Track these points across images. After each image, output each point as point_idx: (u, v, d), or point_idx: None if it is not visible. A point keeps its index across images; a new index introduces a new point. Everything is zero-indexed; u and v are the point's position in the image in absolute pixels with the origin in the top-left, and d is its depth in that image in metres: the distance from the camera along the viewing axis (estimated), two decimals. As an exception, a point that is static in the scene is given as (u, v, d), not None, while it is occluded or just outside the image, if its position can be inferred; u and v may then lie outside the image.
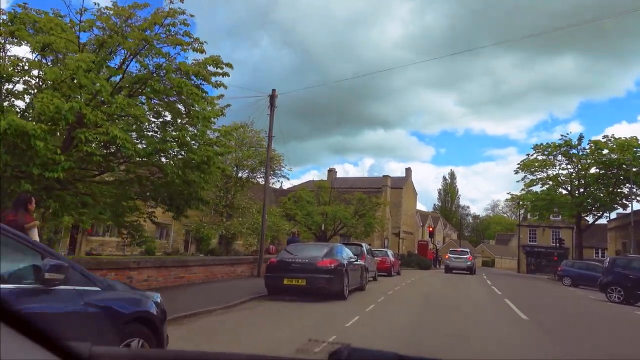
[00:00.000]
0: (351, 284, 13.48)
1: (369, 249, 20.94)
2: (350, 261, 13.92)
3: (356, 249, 19.51)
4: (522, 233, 58.52)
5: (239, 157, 29.27)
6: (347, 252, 14.58)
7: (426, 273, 31.89)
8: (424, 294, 15.25)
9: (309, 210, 32.10)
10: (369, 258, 19.97)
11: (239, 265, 16.52)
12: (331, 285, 11.86)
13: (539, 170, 34.72)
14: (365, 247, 20.15)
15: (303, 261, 12.14)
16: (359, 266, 15.07)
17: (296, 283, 11.85)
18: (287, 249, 13.62)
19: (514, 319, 10.58)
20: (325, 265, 11.99)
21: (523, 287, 22.97)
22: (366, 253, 19.48)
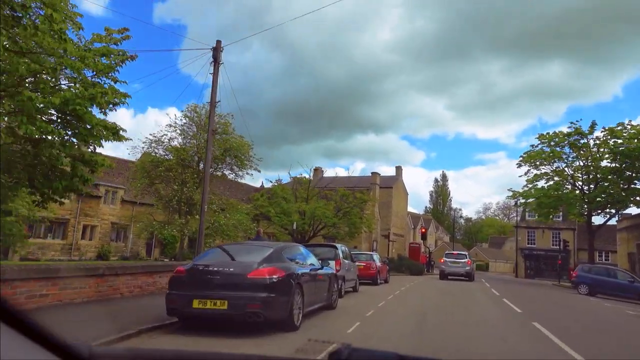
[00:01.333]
0: (310, 303, 8.93)
1: (347, 252, 16.36)
2: (309, 270, 9.36)
3: (329, 251, 14.93)
4: (520, 235, 54.26)
5: (200, 144, 24.67)
6: (305, 255, 10.00)
7: (418, 280, 27.35)
8: (417, 315, 10.66)
9: (284, 207, 27.50)
10: (347, 264, 15.39)
11: (163, 274, 11.73)
12: (270, 309, 7.27)
13: (545, 162, 30.33)
14: (342, 249, 15.57)
15: (226, 270, 7.52)
16: (325, 276, 10.49)
17: (212, 306, 7.23)
18: (210, 251, 8.94)
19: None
20: (260, 278, 7.37)
21: (540, 300, 18.45)
22: (342, 257, 14.90)
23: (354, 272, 16.60)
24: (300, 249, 10.02)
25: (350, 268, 15.90)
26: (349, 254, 16.69)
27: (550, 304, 16.51)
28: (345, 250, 16.11)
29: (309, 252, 10.71)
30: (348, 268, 15.41)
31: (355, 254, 22.25)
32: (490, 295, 18.25)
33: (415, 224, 77.64)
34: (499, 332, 8.89)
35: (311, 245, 15.70)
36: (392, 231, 56.23)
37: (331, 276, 10.99)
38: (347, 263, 15.53)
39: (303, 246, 11.55)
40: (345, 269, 14.95)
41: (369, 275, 20.66)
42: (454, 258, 28.46)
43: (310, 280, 9.08)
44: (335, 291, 11.32)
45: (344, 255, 15.29)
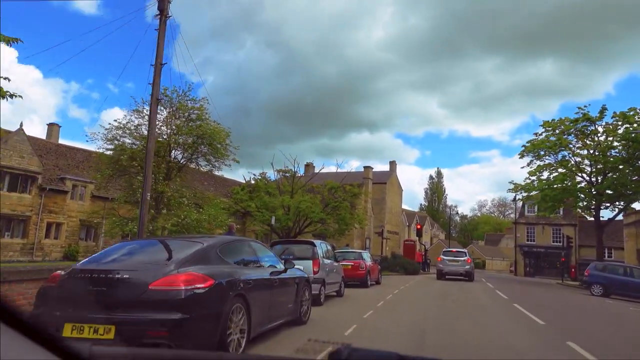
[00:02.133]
0: (263, 321, 6.32)
1: (329, 250, 13.70)
2: (263, 275, 6.74)
3: (306, 249, 12.32)
4: (519, 231, 51.82)
5: (172, 131, 22.00)
6: (260, 254, 7.35)
7: (414, 280, 24.78)
8: (413, 333, 8.01)
9: (266, 202, 24.86)
10: (328, 264, 12.75)
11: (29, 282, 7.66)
12: (184, 336, 4.63)
13: (551, 151, 27.76)
14: (322, 247, 12.90)
15: (120, 278, 4.84)
16: (291, 282, 7.87)
17: (92, 335, 4.56)
18: (111, 249, 6.21)
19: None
20: (169, 289, 4.73)
21: (555, 304, 15.86)
22: (322, 256, 12.26)
23: (338, 273, 13.97)
24: (252, 246, 7.35)
25: (333, 269, 13.27)
26: (332, 253, 14.06)
27: (570, 311, 13.93)
28: (326, 248, 13.47)
29: (267, 250, 8.06)
30: (330, 269, 12.79)
31: (341, 252, 19.69)
32: (497, 298, 15.67)
33: (410, 221, 75.21)
34: (522, 353, 6.31)
35: (285, 242, 13.07)
36: (386, 228, 53.68)
37: (300, 281, 8.35)
38: (329, 263, 12.91)
39: (259, 242, 8.90)
40: (326, 270, 12.33)
41: (357, 276, 18.05)
42: (452, 256, 25.90)
43: (263, 289, 6.45)
44: (307, 300, 8.70)
45: (324, 253, 12.66)
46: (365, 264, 18.47)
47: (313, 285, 11.38)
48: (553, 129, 27.95)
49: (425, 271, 36.90)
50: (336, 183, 26.61)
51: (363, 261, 18.49)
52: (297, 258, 11.92)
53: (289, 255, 12.02)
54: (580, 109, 26.71)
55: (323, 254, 12.49)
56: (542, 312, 12.00)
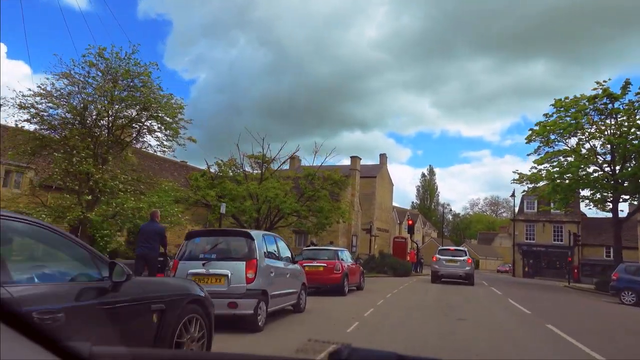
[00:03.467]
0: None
1: (281, 246, 9.31)
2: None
3: (238, 244, 8.09)
4: (518, 229, 47.83)
5: (109, 97, 17.57)
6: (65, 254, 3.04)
7: (404, 284, 20.57)
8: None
9: (229, 189, 20.54)
10: (275, 267, 8.43)
11: None
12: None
13: (565, 134, 23.63)
14: (265, 240, 8.53)
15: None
16: (137, 308, 3.58)
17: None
18: None
19: None
20: None
21: (599, 322, 11.63)
22: (262, 255, 7.94)
23: (296, 279, 9.69)
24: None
25: (286, 274, 8.97)
26: (287, 251, 9.73)
27: (619, 330, 9.74)
28: (277, 242, 9.14)
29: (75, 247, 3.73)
30: (279, 274, 8.50)
31: (311, 250, 15.48)
32: (518, 314, 11.44)
33: (402, 218, 71.19)
34: None
35: (207, 233, 8.67)
36: (376, 225, 49.53)
37: (171, 305, 4.05)
38: (279, 266, 8.62)
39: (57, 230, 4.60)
40: (271, 276, 8.05)
41: (330, 281, 13.82)
42: (450, 255, 21.71)
43: None
44: (195, 340, 4.42)
45: (268, 250, 8.37)
46: (342, 265, 14.23)
47: (244, 301, 7.17)
48: (565, 108, 23.88)
49: (418, 272, 32.74)
50: (314, 169, 22.31)
51: (339, 262, 14.24)
52: (223, 258, 7.70)
53: (211, 254, 7.76)
54: (599, 83, 22.66)
55: (267, 252, 8.20)
56: (585, 334, 7.83)
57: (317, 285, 14.01)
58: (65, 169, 16.44)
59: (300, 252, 15.23)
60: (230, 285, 7.34)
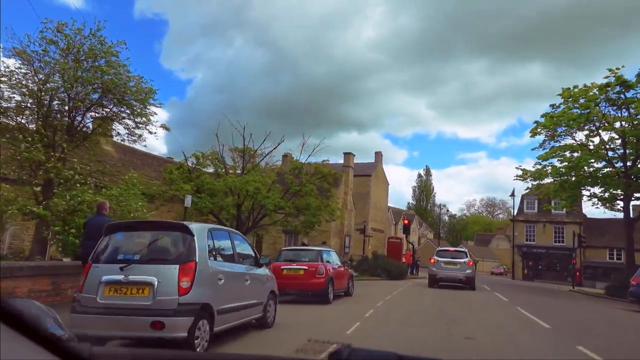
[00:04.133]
0: None
1: (236, 243, 7.18)
2: None
3: (172, 240, 5.99)
4: (518, 230, 45.88)
5: (69, 78, 15.43)
6: None
7: (398, 288, 18.54)
8: None
9: (205, 183, 18.46)
10: (227, 272, 6.35)
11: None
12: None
13: (574, 127, 21.63)
14: (220, 237, 6.48)
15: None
16: None
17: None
18: None
19: None
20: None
21: (636, 339, 9.59)
22: (202, 255, 5.85)
23: (262, 287, 7.63)
24: None
25: (245, 280, 6.90)
26: (250, 251, 7.66)
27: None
28: (233, 239, 7.03)
29: None
30: (232, 281, 6.44)
31: (291, 251, 13.44)
32: (534, 327, 9.39)
33: (397, 219, 69.20)
34: None
35: (130, 227, 6.48)
36: (370, 225, 47.52)
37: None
38: (231, 271, 6.51)
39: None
40: (219, 283, 5.98)
41: (312, 287, 11.77)
42: (449, 257, 19.68)
43: None
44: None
45: (217, 250, 6.31)
46: (327, 268, 12.17)
47: (174, 320, 5.14)
48: (574, 99, 21.94)
49: (414, 274, 30.73)
50: (299, 162, 20.22)
51: (323, 264, 12.18)
52: (149, 260, 5.64)
53: (134, 255, 5.71)
54: (612, 71, 20.71)
55: (215, 252, 6.15)
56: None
57: (296, 292, 11.99)
58: (11, 156, 14.34)
59: (279, 253, 13.17)
60: (155, 297, 5.29)
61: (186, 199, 13.78)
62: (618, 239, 42.76)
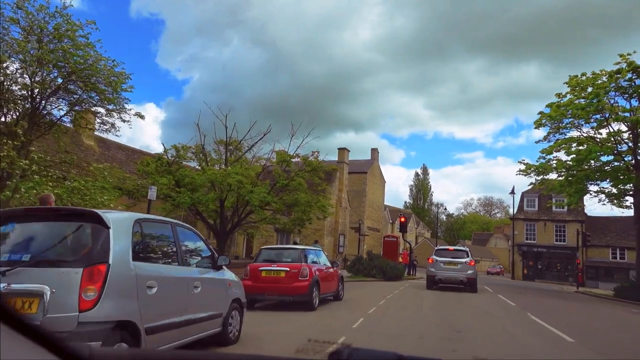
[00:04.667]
0: None
1: (179, 246, 5.62)
2: None
3: (77, 234, 4.34)
4: (517, 228, 44.41)
5: (30, 60, 13.81)
6: None
7: (395, 291, 17.00)
8: None
9: (184, 176, 16.86)
10: (150, 278, 4.78)
11: None
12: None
13: (582, 117, 20.07)
14: (147, 229, 4.93)
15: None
16: None
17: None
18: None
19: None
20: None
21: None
22: (129, 258, 4.30)
23: (221, 295, 6.05)
24: None
25: (194, 287, 5.32)
26: (203, 247, 6.06)
27: None
28: (177, 233, 5.42)
29: None
30: (170, 289, 4.87)
31: (272, 250, 11.88)
32: (553, 339, 7.85)
33: (394, 218, 67.71)
34: None
35: (29, 216, 4.89)
36: (366, 224, 46.03)
37: None
38: (169, 275, 4.93)
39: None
40: (147, 293, 4.40)
41: (294, 291, 10.20)
42: (449, 257, 18.13)
43: None
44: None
45: (147, 246, 4.75)
46: (311, 270, 10.60)
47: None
48: (582, 87, 20.44)
49: (411, 275, 29.20)
50: (288, 154, 18.62)
51: (307, 265, 10.61)
52: (41, 261, 4.05)
53: (23, 254, 4.12)
54: (623, 57, 19.19)
55: (142, 250, 4.58)
56: None
57: (277, 297, 10.42)
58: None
59: (258, 252, 11.59)
60: (46, 314, 3.71)
61: (150, 190, 12.15)
62: (621, 237, 41.37)
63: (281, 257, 10.89)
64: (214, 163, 19.03)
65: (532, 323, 9.91)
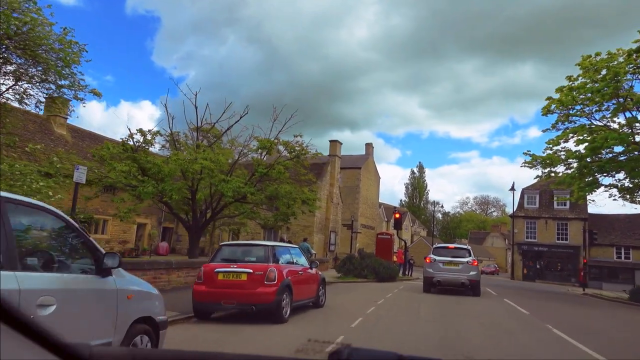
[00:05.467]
0: None
1: (5, 240, 3.45)
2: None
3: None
4: (517, 226, 42.36)
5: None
6: None
7: (387, 295, 14.81)
8: None
9: (147, 163, 14.60)
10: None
11: None
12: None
13: (597, 100, 17.95)
14: None
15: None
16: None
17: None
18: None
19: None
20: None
21: None
22: None
23: (109, 313, 3.84)
24: None
25: (41, 307, 3.15)
26: (79, 245, 3.88)
27: None
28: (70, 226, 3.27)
29: None
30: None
31: (235, 247, 9.68)
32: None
33: (389, 216, 65.59)
34: None
35: None
36: (360, 221, 43.87)
37: None
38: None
39: None
40: None
41: (258, 299, 8.00)
42: (449, 256, 15.95)
43: None
44: None
45: None
46: (281, 272, 8.39)
47: None
48: (596, 69, 18.34)
49: (407, 275, 27.07)
50: (268, 140, 16.32)
51: (276, 266, 8.39)
52: None
53: None
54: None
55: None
56: None
57: (236, 306, 8.21)
58: None
59: (216, 250, 9.36)
60: None
61: (76, 171, 9.85)
62: (626, 236, 39.37)
63: (244, 256, 8.69)
64: (187, 150, 16.78)
65: (559, 341, 7.75)
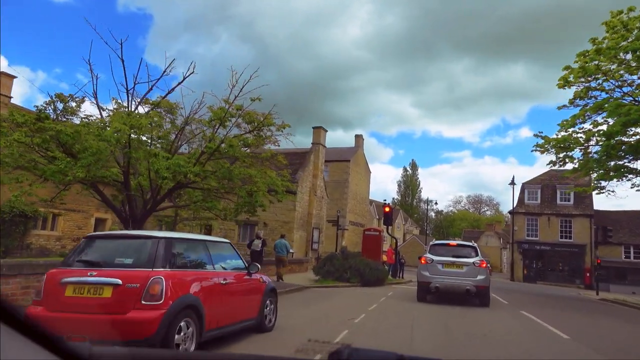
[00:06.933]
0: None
1: None
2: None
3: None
4: (517, 224, 39.00)
5: None
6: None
7: (371, 306, 11.27)
8: None
9: (57, 132, 10.95)
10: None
11: None
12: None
13: (623, 72, 14.56)
14: None
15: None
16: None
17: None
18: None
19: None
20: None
21: None
22: None
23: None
24: None
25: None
26: None
27: None
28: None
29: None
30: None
31: (105, 241, 5.86)
32: None
33: (381, 214, 62.31)
34: None
35: None
36: (349, 218, 40.39)
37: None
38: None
39: None
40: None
41: (130, 331, 4.37)
42: (450, 255, 12.41)
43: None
44: None
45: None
46: (173, 285, 4.81)
47: None
48: (629, 29, 14.98)
49: (399, 277, 23.59)
50: (224, 109, 12.64)
51: (165, 274, 4.81)
52: None
53: None
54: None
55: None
56: None
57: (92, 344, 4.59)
58: None
59: (76, 246, 5.74)
60: None
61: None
62: (635, 234, 36.17)
63: (114, 256, 5.10)
64: (115, 119, 13.02)
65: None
